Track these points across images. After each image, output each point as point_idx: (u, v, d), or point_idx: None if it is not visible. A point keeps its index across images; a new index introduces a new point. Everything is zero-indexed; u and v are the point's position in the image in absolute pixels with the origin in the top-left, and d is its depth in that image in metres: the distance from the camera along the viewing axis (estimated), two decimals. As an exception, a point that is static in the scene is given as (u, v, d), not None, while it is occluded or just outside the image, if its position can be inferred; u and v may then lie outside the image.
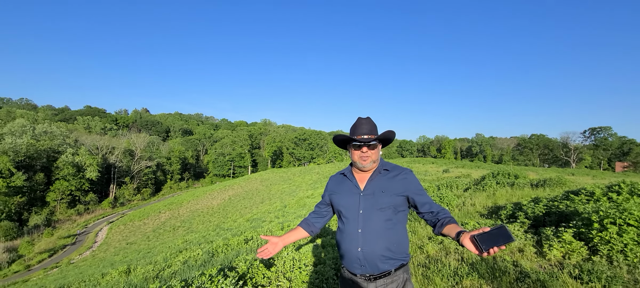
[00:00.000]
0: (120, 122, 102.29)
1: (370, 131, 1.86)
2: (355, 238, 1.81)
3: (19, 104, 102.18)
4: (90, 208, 52.95)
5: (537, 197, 5.77)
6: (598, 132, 73.05)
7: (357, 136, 1.86)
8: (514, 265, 3.58)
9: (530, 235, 4.49)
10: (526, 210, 5.31)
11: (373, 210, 1.80)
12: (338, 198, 1.95)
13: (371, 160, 1.86)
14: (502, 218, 5.70)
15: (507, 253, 3.97)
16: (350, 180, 1.94)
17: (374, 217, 1.80)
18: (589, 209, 4.14)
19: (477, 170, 27.32)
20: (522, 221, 5.11)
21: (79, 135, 65.52)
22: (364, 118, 1.92)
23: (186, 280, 3.87)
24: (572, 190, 5.48)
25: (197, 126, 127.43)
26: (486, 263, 3.65)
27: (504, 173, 11.69)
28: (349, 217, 1.86)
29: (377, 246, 1.77)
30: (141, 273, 8.40)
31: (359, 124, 1.90)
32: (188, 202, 49.99)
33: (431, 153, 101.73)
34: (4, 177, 42.32)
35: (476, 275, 3.42)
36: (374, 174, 1.90)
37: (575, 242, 3.77)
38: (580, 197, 4.95)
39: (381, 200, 1.81)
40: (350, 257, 1.83)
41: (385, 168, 1.90)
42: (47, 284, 15.41)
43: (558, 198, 5.27)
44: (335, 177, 2.05)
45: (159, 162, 73.15)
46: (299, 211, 19.46)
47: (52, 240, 38.97)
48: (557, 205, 5.02)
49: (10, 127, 50.55)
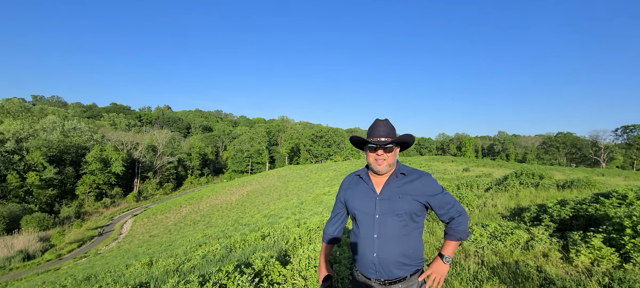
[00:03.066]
0: (144, 119, 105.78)
1: (387, 133, 1.81)
2: (371, 243, 1.78)
3: (50, 102, 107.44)
4: (116, 202, 55.19)
5: (564, 199, 5.51)
6: (631, 130, 69.16)
7: (373, 138, 1.81)
8: (538, 270, 3.43)
9: (555, 239, 4.29)
10: (551, 212, 5.09)
11: (389, 215, 1.76)
12: (353, 201, 1.92)
13: (387, 163, 1.81)
14: (525, 221, 5.49)
15: (530, 258, 3.82)
16: (366, 183, 1.89)
17: (390, 222, 1.76)
18: (621, 213, 3.91)
19: (499, 169, 26.45)
20: (547, 224, 4.89)
21: (106, 131, 68.35)
22: (382, 120, 1.87)
23: (204, 275, 3.95)
24: (602, 193, 5.19)
25: (217, 123, 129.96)
26: (508, 268, 3.52)
27: (528, 173, 11.24)
28: (364, 221, 1.83)
29: (393, 252, 1.74)
30: (162, 265, 8.66)
31: (375, 125, 1.85)
32: (208, 197, 51.18)
33: (451, 152, 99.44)
34: (37, 170, 44.76)
35: (497, 279, 3.31)
36: (390, 178, 1.84)
37: (605, 248, 3.57)
38: (611, 200, 4.68)
39: (398, 205, 1.76)
40: (365, 261, 1.80)
41: (402, 172, 1.85)
42: (76, 273, 16.19)
43: (587, 201, 5.01)
44: (350, 178, 2.01)
45: (180, 157, 75.18)
46: (315, 208, 19.50)
47: (81, 231, 40.91)
48: (586, 208, 4.77)
49: (43, 123, 53.35)
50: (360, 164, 49.94)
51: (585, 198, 5.23)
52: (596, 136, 71.52)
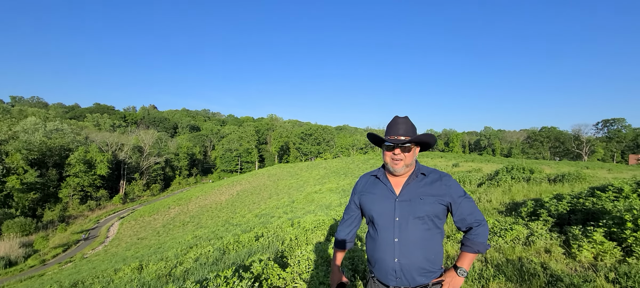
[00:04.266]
0: (129, 119, 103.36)
1: (405, 132, 1.69)
2: (391, 247, 1.66)
3: (30, 102, 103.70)
4: (102, 204, 53.79)
5: (560, 194, 5.55)
6: (611, 124, 71.46)
7: (390, 136, 1.70)
8: (543, 267, 3.40)
9: (555, 234, 4.30)
10: (549, 207, 5.11)
11: (410, 218, 1.65)
12: (370, 203, 1.79)
13: (404, 164, 1.69)
14: (522, 216, 5.51)
15: (533, 254, 3.80)
16: (384, 184, 1.77)
17: (412, 225, 1.64)
18: (620, 207, 3.94)
19: (487, 164, 26.88)
20: (545, 219, 4.91)
21: (89, 132, 66.42)
22: (402, 117, 1.75)
23: (201, 281, 3.79)
24: (598, 187, 5.25)
25: (204, 122, 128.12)
26: (512, 265, 3.48)
27: (519, 168, 11.39)
28: (383, 224, 1.71)
29: (416, 257, 1.62)
30: (153, 270, 8.40)
31: (394, 123, 1.73)
32: (196, 198, 50.41)
33: (439, 147, 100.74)
34: (18, 174, 43.15)
35: (503, 277, 3.27)
36: (410, 178, 1.73)
37: (607, 243, 3.57)
38: (607, 194, 4.72)
39: (419, 207, 1.64)
40: (385, 267, 1.68)
41: (422, 172, 1.74)
42: (62, 279, 15.64)
43: (583, 195, 5.05)
44: (365, 179, 1.89)
45: (167, 158, 73.82)
46: (307, 206, 19.39)
47: (66, 235, 39.73)
48: (583, 202, 4.81)
49: (23, 125, 51.42)
50: (350, 162, 50.04)
51: (581, 192, 5.27)
52: (578, 130, 73.54)
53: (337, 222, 8.25)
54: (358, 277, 3.89)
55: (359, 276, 3.92)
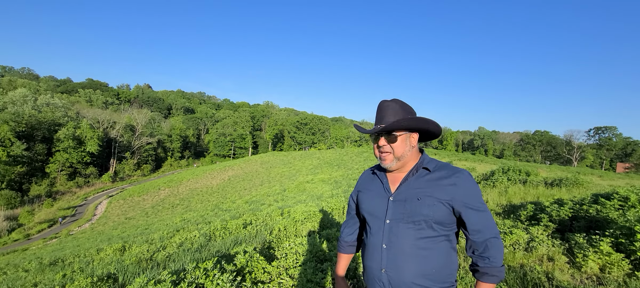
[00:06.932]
0: (122, 97, 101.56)
1: (394, 117, 1.34)
2: (378, 255, 1.36)
3: (20, 74, 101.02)
4: (90, 182, 53.02)
5: (561, 199, 5.35)
6: (603, 132, 72.26)
7: (374, 126, 1.38)
8: (547, 277, 3.18)
9: (557, 241, 4.08)
10: (550, 212, 4.90)
11: (403, 221, 1.32)
12: (364, 201, 1.50)
13: (393, 157, 1.36)
14: (521, 219, 5.30)
15: (535, 262, 3.58)
16: (380, 180, 1.46)
17: (403, 231, 1.32)
18: (630, 217, 3.72)
19: (481, 164, 26.92)
20: (546, 224, 4.70)
21: (81, 108, 65.09)
22: (389, 101, 1.39)
23: (178, 273, 3.50)
24: (602, 194, 5.05)
25: (199, 105, 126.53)
26: (515, 273, 3.25)
27: (515, 170, 11.25)
28: (372, 226, 1.42)
29: (406, 271, 1.30)
30: (135, 252, 8.12)
31: (378, 109, 1.39)
32: (187, 180, 49.96)
33: (433, 144, 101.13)
34: (4, 146, 42.14)
35: (505, 286, 3.04)
36: (409, 174, 1.38)
37: (614, 254, 3.36)
38: (612, 202, 4.52)
39: (415, 209, 1.30)
40: (372, 277, 1.39)
41: (424, 167, 1.37)
42: (44, 255, 15.29)
43: (586, 202, 4.84)
44: (365, 174, 1.59)
45: (159, 138, 72.85)
46: (298, 196, 19.18)
47: (52, 211, 39.13)
48: (586, 209, 4.60)
49: (12, 96, 50.06)
50: (344, 154, 49.86)
51: (584, 199, 5.07)
52: (570, 136, 74.32)
53: (328, 214, 7.99)
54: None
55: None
